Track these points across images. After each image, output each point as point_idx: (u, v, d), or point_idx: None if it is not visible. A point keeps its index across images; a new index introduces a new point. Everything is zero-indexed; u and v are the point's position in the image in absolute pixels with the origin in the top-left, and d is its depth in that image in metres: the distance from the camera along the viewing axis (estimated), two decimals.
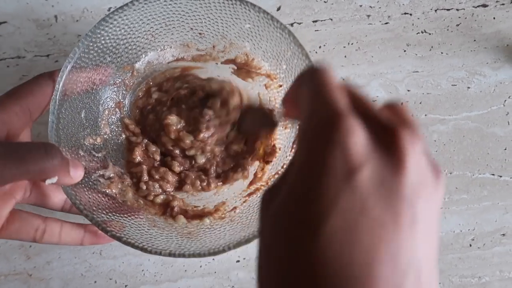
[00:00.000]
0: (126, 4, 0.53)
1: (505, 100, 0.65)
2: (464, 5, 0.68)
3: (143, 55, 0.59)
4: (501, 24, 0.67)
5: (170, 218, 0.55)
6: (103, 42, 0.54)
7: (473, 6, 0.68)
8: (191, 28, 0.58)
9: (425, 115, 0.65)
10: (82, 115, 0.55)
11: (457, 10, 0.68)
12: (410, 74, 0.66)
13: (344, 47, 0.68)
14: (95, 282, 0.61)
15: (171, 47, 0.60)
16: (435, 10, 0.68)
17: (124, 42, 0.56)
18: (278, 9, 0.70)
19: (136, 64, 0.59)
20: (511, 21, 0.67)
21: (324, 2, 0.70)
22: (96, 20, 0.68)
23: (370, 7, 0.69)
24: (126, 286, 0.61)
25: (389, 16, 0.68)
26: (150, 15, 0.55)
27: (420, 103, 0.65)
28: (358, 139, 0.25)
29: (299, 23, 0.69)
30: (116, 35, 0.55)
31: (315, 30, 0.69)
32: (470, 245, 0.60)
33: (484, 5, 0.68)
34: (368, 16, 0.69)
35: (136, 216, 0.53)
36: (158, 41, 0.59)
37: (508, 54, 0.66)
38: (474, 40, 0.67)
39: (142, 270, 0.61)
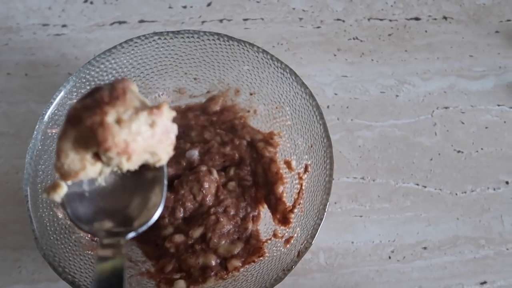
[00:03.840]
0: (115, 47, 0.49)
1: (433, 111, 0.62)
2: (397, 17, 0.67)
3: None
4: (433, 37, 0.66)
5: (165, 285, 0.47)
6: (88, 88, 0.49)
7: (406, 18, 0.67)
8: (185, 73, 0.53)
9: (351, 119, 0.61)
10: None
11: (390, 20, 0.67)
12: (338, 78, 0.63)
13: (273, 46, 0.65)
14: None
15: (163, 94, 0.55)
16: (368, 19, 0.67)
17: None
18: (209, 4, 0.67)
19: None
20: (443, 35, 0.66)
21: (257, 2, 0.67)
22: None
23: (303, 10, 0.67)
24: None
25: (321, 21, 0.66)
26: (141, 59, 0.51)
27: (347, 107, 0.62)
28: None
29: (229, 20, 0.66)
30: (103, 80, 0.49)
31: (245, 28, 0.66)
32: (389, 257, 0.55)
33: (417, 18, 0.67)
34: (301, 19, 0.67)
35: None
36: (149, 87, 0.54)
37: (438, 66, 0.64)
38: (405, 51, 0.65)
39: (19, 267, 0.53)
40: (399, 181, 0.58)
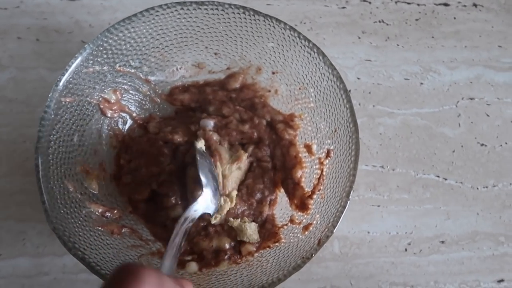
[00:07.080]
0: (135, 15, 0.46)
1: (458, 101, 0.60)
2: (426, 1, 0.64)
3: (149, 76, 0.51)
4: (461, 25, 0.64)
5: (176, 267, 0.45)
6: (104, 56, 0.47)
7: (435, 3, 0.64)
8: (206, 47, 0.51)
9: (373, 106, 0.59)
10: (75, 139, 0.47)
11: (418, 5, 0.64)
12: (362, 62, 0.61)
13: (296, 25, 0.62)
14: None
15: (181, 68, 0.52)
16: (396, 2, 0.64)
17: (128, 58, 0.48)
18: None
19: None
20: (472, 23, 0.64)
21: None
22: None
23: None
24: None
25: (347, 1, 0.64)
26: (161, 29, 0.48)
27: (369, 93, 0.59)
28: None
29: None
30: (120, 50, 0.47)
31: (267, 4, 0.63)
32: (406, 250, 0.54)
33: (446, 4, 0.65)
34: None
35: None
36: (167, 60, 0.51)
37: (465, 55, 0.62)
38: (432, 37, 0.63)
39: (23, 239, 0.51)
40: (420, 172, 0.57)
